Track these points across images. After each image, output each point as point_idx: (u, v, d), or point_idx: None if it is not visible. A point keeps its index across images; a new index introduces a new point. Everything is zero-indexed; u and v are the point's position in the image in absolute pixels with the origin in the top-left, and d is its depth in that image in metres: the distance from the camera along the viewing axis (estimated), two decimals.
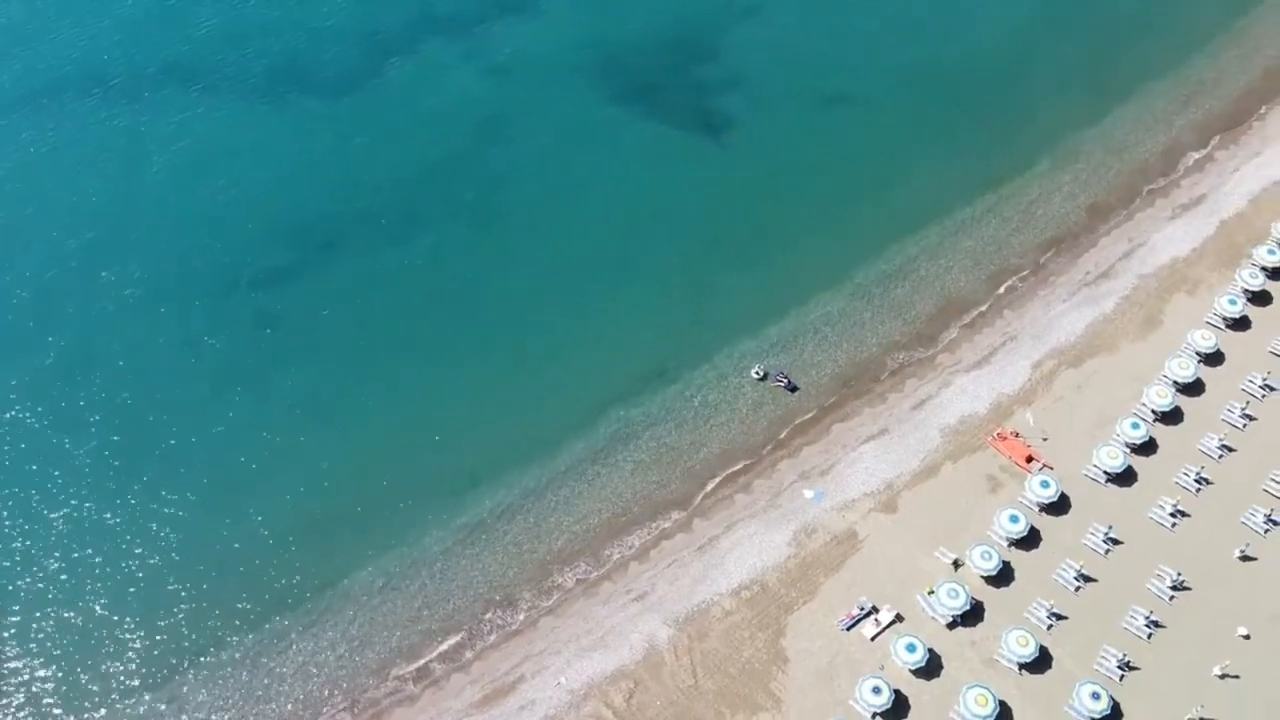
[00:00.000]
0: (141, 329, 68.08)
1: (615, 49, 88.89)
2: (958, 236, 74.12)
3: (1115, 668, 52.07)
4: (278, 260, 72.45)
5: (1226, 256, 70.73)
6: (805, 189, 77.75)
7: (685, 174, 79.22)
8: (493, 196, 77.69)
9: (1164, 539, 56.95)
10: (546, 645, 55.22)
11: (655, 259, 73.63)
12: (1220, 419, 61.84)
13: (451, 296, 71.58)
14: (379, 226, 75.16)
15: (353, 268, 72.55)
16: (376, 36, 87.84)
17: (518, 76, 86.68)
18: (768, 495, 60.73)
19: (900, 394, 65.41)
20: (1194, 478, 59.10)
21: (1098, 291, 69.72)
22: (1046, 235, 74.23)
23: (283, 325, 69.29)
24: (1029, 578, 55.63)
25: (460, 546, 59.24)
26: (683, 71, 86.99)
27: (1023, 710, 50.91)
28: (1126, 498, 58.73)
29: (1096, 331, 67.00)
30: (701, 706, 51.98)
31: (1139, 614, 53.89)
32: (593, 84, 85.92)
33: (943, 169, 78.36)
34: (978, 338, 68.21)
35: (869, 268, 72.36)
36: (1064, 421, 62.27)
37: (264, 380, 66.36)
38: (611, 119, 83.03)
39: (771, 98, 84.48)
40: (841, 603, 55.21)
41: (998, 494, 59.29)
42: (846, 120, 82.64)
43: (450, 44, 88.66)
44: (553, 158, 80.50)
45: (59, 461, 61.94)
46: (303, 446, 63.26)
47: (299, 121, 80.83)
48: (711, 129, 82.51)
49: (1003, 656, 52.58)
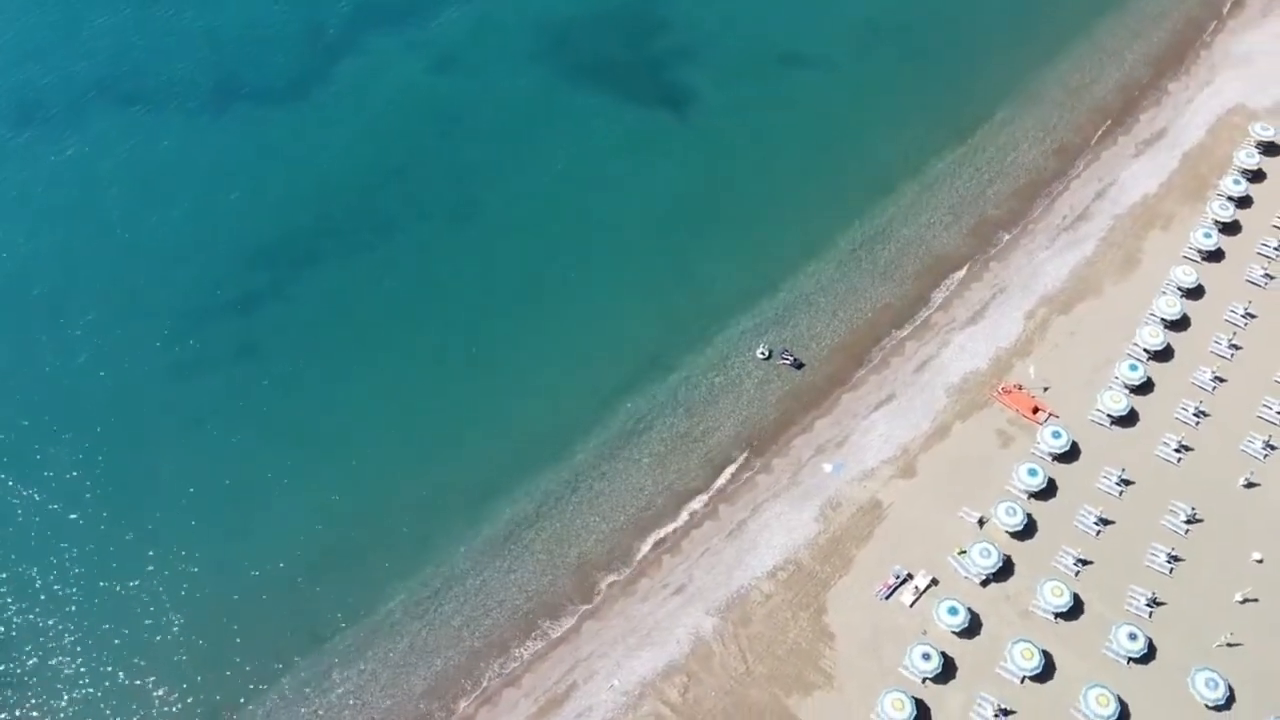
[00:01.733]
0: (119, 374, 65.34)
1: (564, 26, 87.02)
2: (934, 192, 74.85)
3: (1144, 605, 54.20)
4: (250, 284, 70.02)
5: (1193, 189, 72.73)
6: (775, 158, 77.63)
7: (652, 153, 78.38)
8: (459, 193, 76.06)
9: (1172, 475, 59.09)
10: (593, 649, 55.37)
11: (636, 244, 73.08)
12: (1209, 351, 64.05)
13: (433, 303, 70.29)
14: (349, 236, 73.03)
15: (329, 283, 70.51)
16: (316, 37, 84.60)
17: (466, 64, 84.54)
18: (788, 473, 61.33)
19: (901, 357, 66.31)
20: (1192, 412, 61.29)
21: (1076, 235, 71.26)
22: (1020, 183, 75.40)
23: (266, 352, 67.19)
24: (1051, 527, 57.30)
25: (489, 560, 58.75)
26: (636, 45, 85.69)
27: (1064, 658, 52.70)
28: (1132, 438, 60.67)
29: (1081, 276, 68.58)
30: (756, 692, 52.79)
31: (1159, 551, 56.03)
32: (546, 65, 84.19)
33: (909, 124, 78.93)
34: (968, 293, 69.31)
35: (851, 232, 72.75)
36: (1063, 369, 63.85)
37: (255, 413, 64.42)
38: (570, 101, 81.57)
39: (729, 66, 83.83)
40: (876, 573, 56.30)
41: (1010, 448, 60.75)
42: (807, 83, 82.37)
43: (392, 36, 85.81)
44: (515, 147, 78.90)
45: (55, 523, 59.62)
46: (309, 478, 61.79)
47: (250, 134, 77.68)
48: (673, 104, 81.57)
49: (1038, 608, 54.31)
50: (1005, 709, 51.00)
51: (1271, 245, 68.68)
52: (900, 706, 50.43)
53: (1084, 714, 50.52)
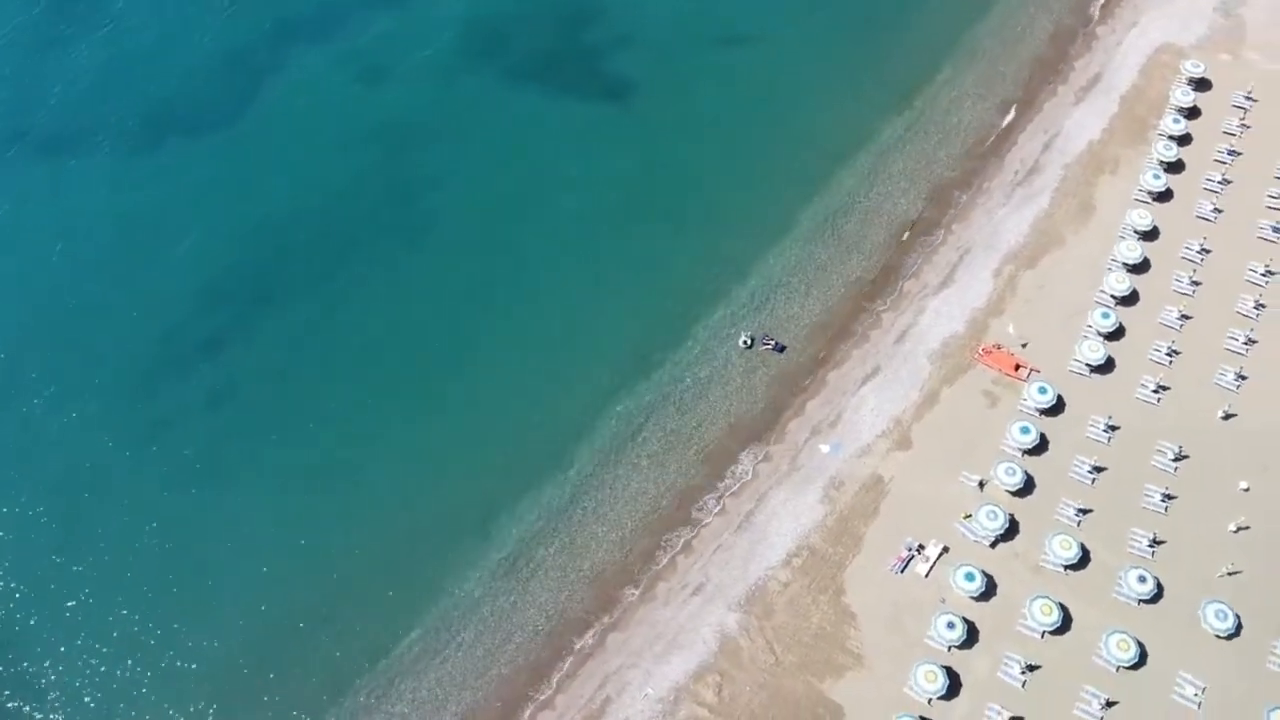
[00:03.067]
0: (91, 444, 62.41)
1: (493, 24, 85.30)
2: (887, 160, 75.40)
3: (1146, 547, 56.01)
4: (210, 328, 67.60)
5: (1134, 130, 74.55)
6: (726, 140, 77.40)
7: (601, 148, 77.52)
8: (412, 207, 74.32)
9: (1154, 416, 60.96)
10: (621, 660, 55.27)
11: (599, 243, 72.36)
12: (1172, 290, 65.99)
13: (401, 326, 68.60)
14: (306, 265, 70.93)
15: (293, 317, 68.40)
16: (239, 61, 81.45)
17: (398, 73, 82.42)
18: (787, 459, 61.73)
19: (880, 329, 67.00)
20: (1165, 352, 63.17)
21: (1031, 189, 72.58)
22: (969, 142, 76.39)
23: (239, 398, 65.02)
24: (1049, 481, 58.69)
25: (503, 584, 58.06)
26: (570, 37, 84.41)
27: (1078, 607, 54.20)
28: (1112, 384, 62.36)
29: (1041, 229, 69.94)
30: (790, 682, 53.33)
31: (1153, 491, 57.87)
32: (481, 66, 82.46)
33: (853, 93, 79.35)
34: (935, 258, 70.21)
35: (812, 209, 72.97)
36: (1037, 323, 65.20)
37: (237, 463, 62.34)
38: (510, 102, 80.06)
39: (667, 49, 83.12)
40: (888, 547, 57.09)
41: (998, 408, 61.97)
42: (747, 61, 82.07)
43: (317, 52, 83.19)
44: (462, 154, 77.27)
45: (53, 607, 57.21)
46: (302, 523, 60.13)
47: (187, 172, 74.56)
48: (615, 94, 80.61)
49: (1048, 562, 55.75)
50: (1031, 665, 52.44)
51: (1216, 180, 70.84)
52: (933, 678, 51.42)
53: (1106, 660, 52.19)
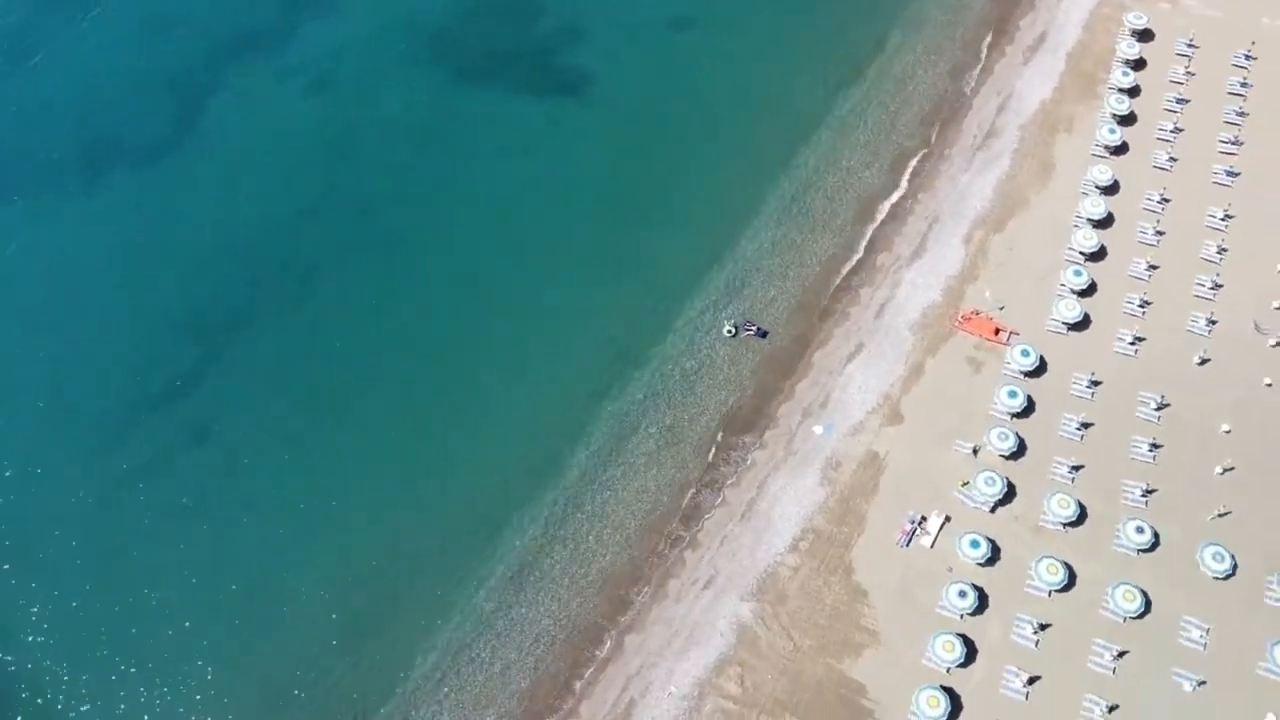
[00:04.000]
0: (73, 494, 60.51)
1: (439, 25, 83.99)
2: (847, 134, 75.80)
3: (1139, 497, 57.44)
4: (183, 364, 65.78)
5: (1084, 86, 75.78)
6: (686, 126, 77.22)
7: (562, 144, 76.80)
8: (375, 220, 72.95)
9: (1134, 367, 62.37)
10: (641, 661, 55.36)
11: (569, 242, 71.66)
12: (1138, 242, 67.46)
13: (378, 344, 67.29)
14: (274, 289, 69.31)
15: (266, 343, 66.88)
16: (179, 83, 79.02)
17: (345, 83, 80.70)
18: (782, 444, 62.05)
19: (859, 305, 67.47)
20: (1137, 304, 64.58)
21: (990, 152, 73.44)
22: (925, 109, 77.07)
23: (220, 433, 63.35)
24: (1039, 442, 59.81)
25: (513, 598, 57.63)
26: (518, 33, 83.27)
27: (1081, 563, 55.40)
28: (1090, 340, 63.63)
29: (1005, 192, 70.88)
30: (810, 665, 53.85)
31: (1140, 442, 59.30)
32: (431, 70, 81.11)
33: (807, 69, 79.58)
34: (904, 229, 70.81)
35: (779, 189, 73.15)
36: (1011, 286, 66.20)
37: (225, 501, 60.74)
38: (466, 105, 78.92)
39: (618, 39, 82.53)
40: (891, 522, 57.78)
41: (982, 373, 62.90)
42: (698, 44, 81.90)
43: (259, 68, 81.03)
44: (421, 161, 76.09)
45: (52, 653, 55.60)
46: (302, 557, 58.80)
47: (139, 203, 72.33)
48: (570, 88, 79.79)
49: (1048, 521, 56.90)
50: (1042, 624, 53.61)
51: (1168, 130, 72.38)
52: (951, 648, 52.32)
53: (1113, 612, 53.51)
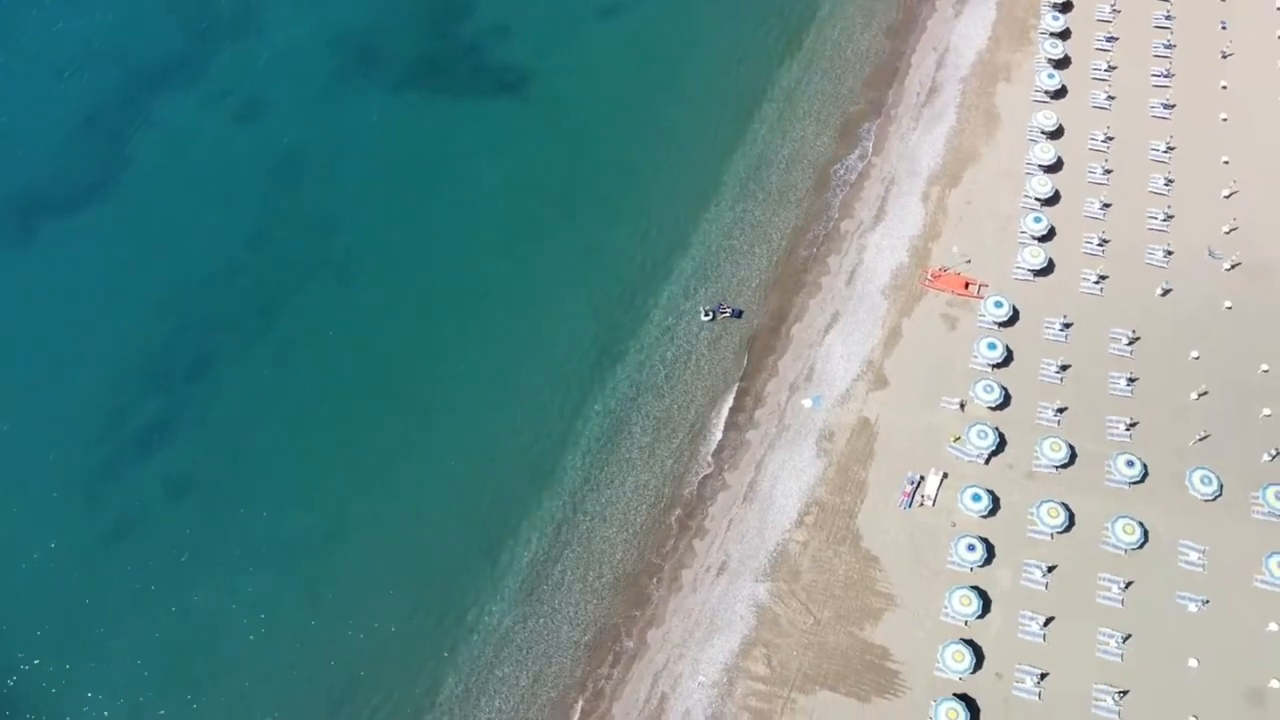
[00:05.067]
0: (53, 558, 58.31)
1: (363, 35, 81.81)
2: (793, 105, 76.08)
3: (1124, 431, 59.14)
4: (147, 414, 63.55)
5: (1017, 33, 77.12)
6: (630, 113, 76.71)
7: (508, 145, 75.70)
8: (331, 243, 71.23)
9: (1101, 306, 63.99)
10: (667, 655, 55.49)
11: (531, 244, 70.80)
12: (1089, 182, 69.07)
13: (351, 369, 65.93)
14: (234, 326, 67.26)
15: (234, 382, 64.95)
16: (100, 120, 75.79)
17: (276, 103, 78.19)
18: (774, 421, 62.42)
19: (830, 275, 67.97)
20: (1096, 243, 66.20)
21: (935, 108, 74.34)
22: (866, 72, 77.66)
23: (199, 481, 61.48)
24: (1023, 389, 61.11)
25: (528, 609, 57.21)
26: (446, 35, 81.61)
27: (1078, 502, 56.84)
28: (1057, 284, 65.08)
29: (955, 146, 71.88)
30: (832, 636, 54.53)
31: (1118, 377, 60.97)
32: (363, 83, 79.06)
33: (745, 43, 79.58)
34: (863, 193, 71.44)
35: (734, 168, 73.22)
36: (973, 239, 67.29)
37: (213, 550, 59.05)
38: (404, 115, 77.23)
39: (547, 32, 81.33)
40: (890, 486, 58.59)
41: (958, 328, 63.95)
42: (631, 28, 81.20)
43: (181, 97, 78.12)
44: (367, 176, 74.35)
45: None
46: (304, 598, 57.63)
47: (76, 252, 69.35)
48: (509, 86, 78.59)
49: (1041, 466, 58.26)
50: (1049, 566, 55.05)
51: (1102, 69, 74.06)
52: (968, 602, 53.42)
53: (1115, 546, 55.16)
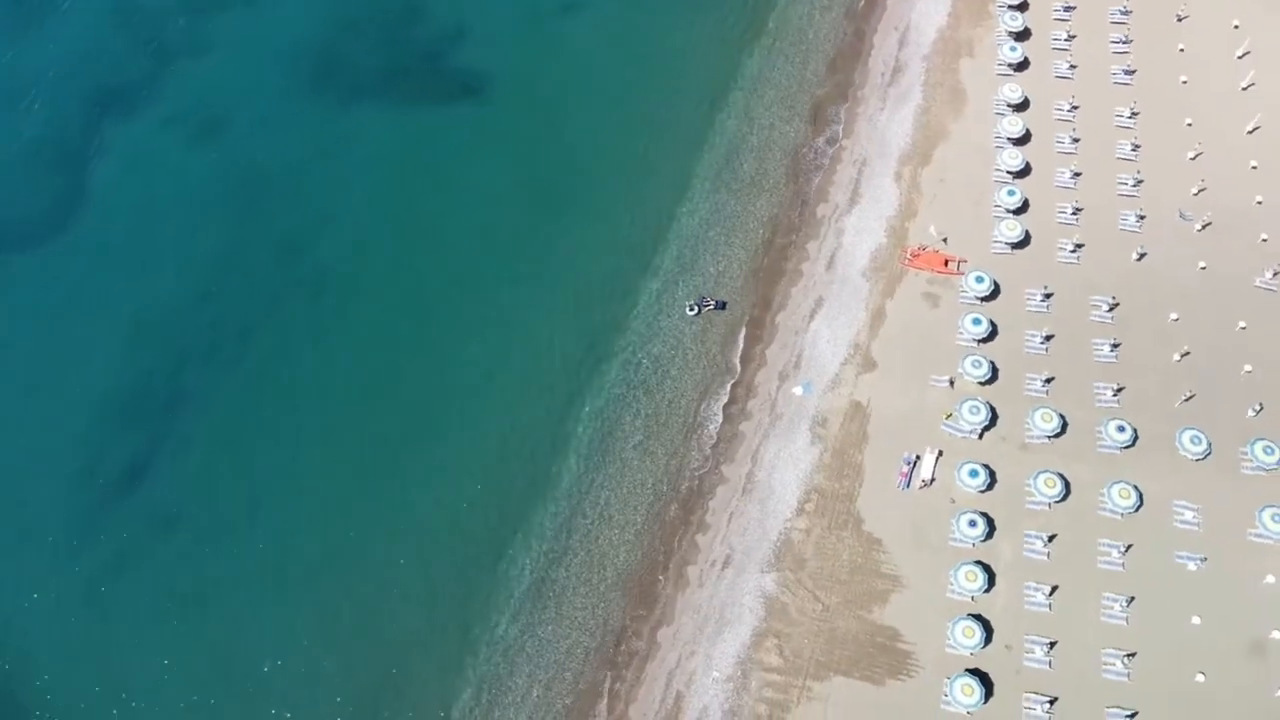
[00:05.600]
0: (45, 597, 56.76)
1: (315, 48, 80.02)
2: (760, 92, 75.93)
3: (1112, 397, 59.83)
4: (127, 448, 61.86)
5: (976, 8, 77.55)
6: (598, 109, 76.09)
7: (477, 151, 74.48)
8: (304, 261, 69.73)
9: (1080, 273, 64.65)
10: (679, 653, 55.32)
11: (509, 249, 69.80)
12: (1058, 152, 69.72)
13: (337, 388, 64.45)
14: (209, 357, 65.60)
15: (215, 413, 63.34)
16: (51, 152, 73.44)
17: (236, 122, 76.44)
18: (766, 411, 62.36)
19: (810, 261, 67.99)
20: (1070, 212, 66.83)
21: (901, 88, 74.56)
22: (829, 55, 77.72)
23: (188, 516, 59.91)
24: (1010, 362, 61.55)
25: (535, 617, 56.67)
26: (403, 41, 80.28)
27: (1073, 470, 57.42)
28: (1034, 255, 65.63)
29: (923, 124, 72.13)
30: (842, 621, 54.64)
31: (1101, 343, 61.67)
32: (324, 95, 77.50)
33: (706, 32, 79.44)
34: (836, 176, 71.49)
35: (706, 159, 72.95)
36: (949, 216, 67.61)
37: (212, 584, 57.56)
38: (368, 125, 75.87)
39: (504, 32, 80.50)
40: (887, 468, 58.77)
41: (941, 306, 64.25)
42: (590, 24, 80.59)
43: (135, 122, 76.04)
44: (335, 190, 72.94)
45: None
46: (307, 624, 56.45)
47: (37, 286, 67.28)
48: (470, 90, 77.53)
49: (1034, 437, 58.77)
50: (1050, 536, 55.57)
51: (1062, 39, 74.71)
52: (974, 577, 53.81)
53: (1111, 511, 55.83)
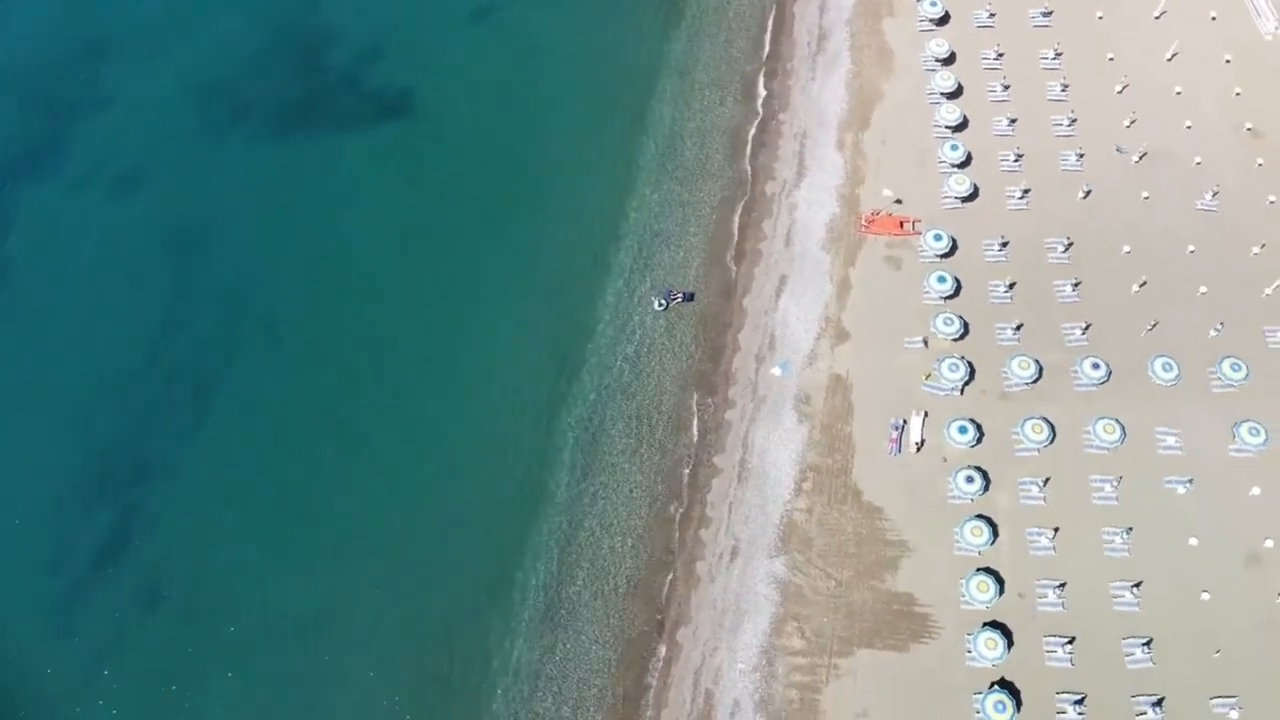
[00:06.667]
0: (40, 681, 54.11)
1: (228, 84, 77.04)
2: (689, 76, 75.39)
3: (1081, 336, 61.03)
4: (98, 527, 59.18)
5: None
6: (527, 116, 74.70)
7: (412, 172, 72.55)
8: (248, 310, 67.27)
9: (1032, 218, 65.67)
10: (700, 650, 55.04)
11: (463, 269, 67.93)
12: (991, 102, 70.59)
13: (305, 435, 62.28)
14: (165, 418, 62.94)
15: (183, 477, 60.84)
16: None
17: (155, 171, 73.27)
18: (748, 396, 62.17)
19: (767, 240, 67.81)
20: (1013, 159, 67.81)
21: (828, 55, 74.67)
22: (753, 30, 77.44)
23: (173, 587, 57.56)
24: (978, 315, 62.19)
25: (550, 636, 55.76)
26: (318, 68, 77.75)
27: (1055, 413, 58.35)
28: (984, 206, 66.45)
29: (856, 89, 72.39)
30: (857, 594, 54.92)
31: (1063, 284, 62.80)
32: (240, 136, 74.71)
33: (624, 23, 78.44)
34: (779, 152, 71.36)
35: (645, 151, 72.24)
36: (897, 177, 68.04)
37: (211, 653, 55.48)
38: (293, 161, 73.34)
39: (421, 46, 78.60)
40: (877, 436, 59.11)
41: (903, 268, 64.71)
42: (505, 28, 79.02)
43: (49, 182, 72.52)
44: (271, 233, 70.44)
45: None
46: (318, 682, 54.77)
47: None
48: (395, 110, 75.52)
49: (1013, 386, 59.66)
50: (1044, 480, 56.56)
51: None
52: (979, 533, 54.56)
53: (1099, 447, 57.02)
